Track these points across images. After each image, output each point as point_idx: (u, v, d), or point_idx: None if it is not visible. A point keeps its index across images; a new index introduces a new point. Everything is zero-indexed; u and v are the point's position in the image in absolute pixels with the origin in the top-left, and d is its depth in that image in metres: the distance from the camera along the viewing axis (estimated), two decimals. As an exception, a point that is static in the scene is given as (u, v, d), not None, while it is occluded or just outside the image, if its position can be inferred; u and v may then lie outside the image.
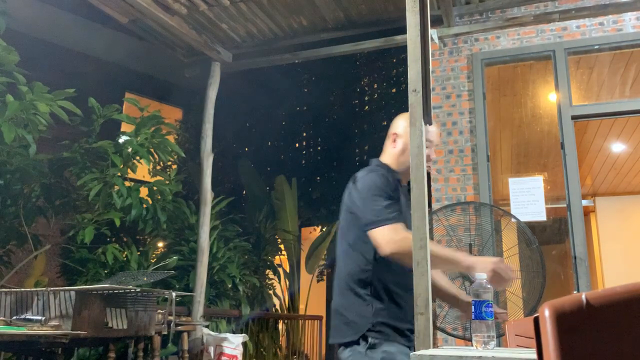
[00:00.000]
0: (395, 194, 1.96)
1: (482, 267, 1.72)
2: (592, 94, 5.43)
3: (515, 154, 6.83)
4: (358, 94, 9.26)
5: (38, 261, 5.48)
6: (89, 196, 4.21)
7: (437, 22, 4.72)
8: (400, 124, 2.15)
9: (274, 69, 7.16)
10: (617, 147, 6.40)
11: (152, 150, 4.63)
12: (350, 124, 8.94)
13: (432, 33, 4.62)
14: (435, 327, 4.18)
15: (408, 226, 1.84)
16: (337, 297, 1.97)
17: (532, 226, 4.32)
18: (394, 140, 2.13)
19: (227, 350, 4.63)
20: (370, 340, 1.83)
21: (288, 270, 7.76)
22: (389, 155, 2.14)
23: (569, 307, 0.84)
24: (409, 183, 1.87)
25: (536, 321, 0.88)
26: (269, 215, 7.58)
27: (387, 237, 1.82)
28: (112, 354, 3.41)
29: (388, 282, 1.89)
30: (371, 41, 4.95)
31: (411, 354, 1.33)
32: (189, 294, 4.74)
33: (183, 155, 5.14)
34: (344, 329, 1.89)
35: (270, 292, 7.00)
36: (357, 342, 1.84)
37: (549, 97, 5.17)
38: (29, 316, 2.53)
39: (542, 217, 4.23)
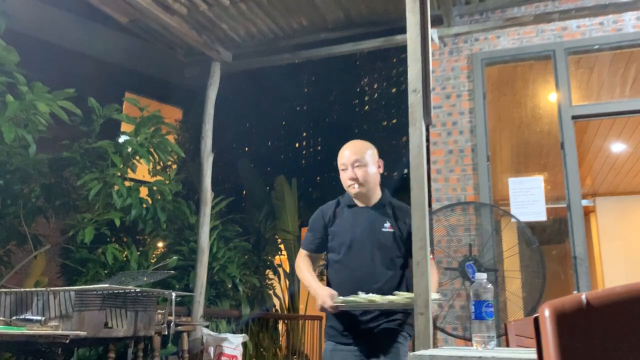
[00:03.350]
0: (319, 224, 2.43)
1: (319, 299, 2.21)
2: (592, 94, 5.42)
3: (515, 154, 6.83)
4: (358, 94, 9.26)
5: (38, 261, 5.48)
6: (89, 196, 4.21)
7: (437, 22, 4.71)
8: None
9: (274, 69, 7.15)
10: (617, 147, 6.39)
11: (152, 150, 4.63)
12: (350, 124, 8.94)
13: (432, 33, 4.61)
14: (435, 327, 4.18)
15: (347, 239, 2.31)
16: None
17: (532, 226, 4.31)
18: None
19: (227, 351, 4.63)
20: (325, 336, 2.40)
21: (288, 270, 7.75)
22: None
23: (569, 307, 0.84)
24: (379, 203, 2.36)
25: (536, 321, 0.88)
26: (269, 215, 7.57)
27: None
28: (112, 354, 3.41)
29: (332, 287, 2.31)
30: (371, 41, 4.95)
31: (411, 354, 1.33)
32: (189, 294, 4.74)
33: (183, 155, 5.14)
34: None
35: (270, 292, 6.99)
36: None
37: (549, 97, 5.17)
38: (28, 316, 2.52)
39: (542, 217, 4.23)
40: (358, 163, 2.30)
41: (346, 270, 2.28)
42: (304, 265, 2.41)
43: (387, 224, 2.28)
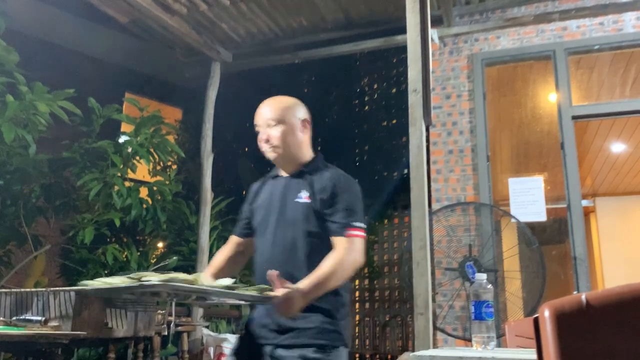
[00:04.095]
0: (246, 203, 2.05)
1: None
2: (592, 94, 5.42)
3: (515, 154, 6.82)
4: (358, 94, 9.25)
5: (38, 261, 5.47)
6: (89, 196, 4.21)
7: (437, 22, 4.71)
8: None
9: (274, 69, 7.15)
10: (617, 147, 6.39)
11: (152, 150, 4.63)
12: (350, 124, 8.94)
13: (432, 33, 4.61)
14: (435, 328, 4.18)
15: (260, 216, 1.92)
16: None
17: (532, 226, 4.31)
18: None
19: (227, 351, 4.63)
20: None
21: (288, 270, 7.73)
22: None
23: (569, 307, 0.84)
24: (298, 172, 1.89)
25: (536, 321, 0.88)
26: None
27: None
28: (111, 355, 3.41)
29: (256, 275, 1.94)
30: (371, 41, 4.95)
31: (411, 354, 1.33)
32: (189, 294, 4.73)
33: (183, 155, 5.14)
34: None
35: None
36: None
37: (549, 97, 5.17)
38: (28, 317, 2.53)
39: (542, 217, 4.23)
40: (274, 122, 1.88)
41: (258, 253, 1.90)
42: (219, 251, 2.05)
43: (303, 194, 1.83)
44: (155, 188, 4.70)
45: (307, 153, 1.95)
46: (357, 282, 8.66)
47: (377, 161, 8.54)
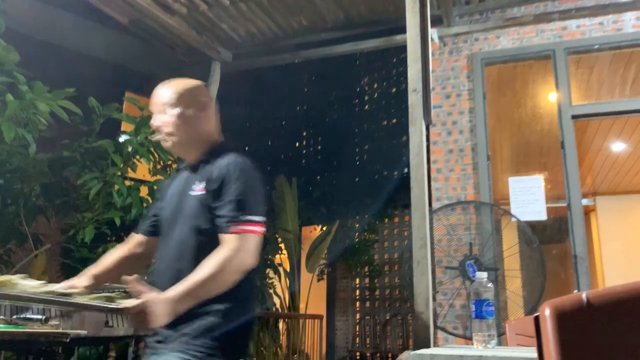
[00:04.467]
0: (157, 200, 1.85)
1: None
2: (592, 93, 5.42)
3: (516, 154, 6.83)
4: (358, 94, 9.26)
5: (38, 260, 5.47)
6: (89, 195, 4.21)
7: (437, 22, 4.72)
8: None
9: (274, 69, 7.16)
10: (617, 147, 6.40)
11: (152, 149, 4.63)
12: (350, 124, 8.94)
13: (432, 33, 4.61)
14: (435, 326, 4.18)
15: (160, 214, 1.76)
16: None
17: (533, 225, 4.32)
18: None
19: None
20: None
21: (288, 270, 7.76)
22: None
23: (570, 306, 0.85)
24: (200, 161, 1.69)
25: (537, 320, 0.88)
26: (269, 215, 7.54)
27: None
28: (112, 353, 3.42)
29: None
30: (371, 41, 4.96)
31: (411, 353, 1.34)
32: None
33: (183, 154, 5.13)
34: None
35: (271, 291, 6.99)
36: None
37: (549, 97, 5.17)
38: (29, 315, 2.53)
39: (542, 216, 4.23)
40: (169, 107, 1.68)
41: (156, 256, 1.68)
42: (113, 249, 1.80)
43: (198, 186, 1.61)
44: (155, 187, 4.70)
45: (210, 140, 1.75)
46: (357, 280, 8.67)
47: (377, 160, 8.55)
